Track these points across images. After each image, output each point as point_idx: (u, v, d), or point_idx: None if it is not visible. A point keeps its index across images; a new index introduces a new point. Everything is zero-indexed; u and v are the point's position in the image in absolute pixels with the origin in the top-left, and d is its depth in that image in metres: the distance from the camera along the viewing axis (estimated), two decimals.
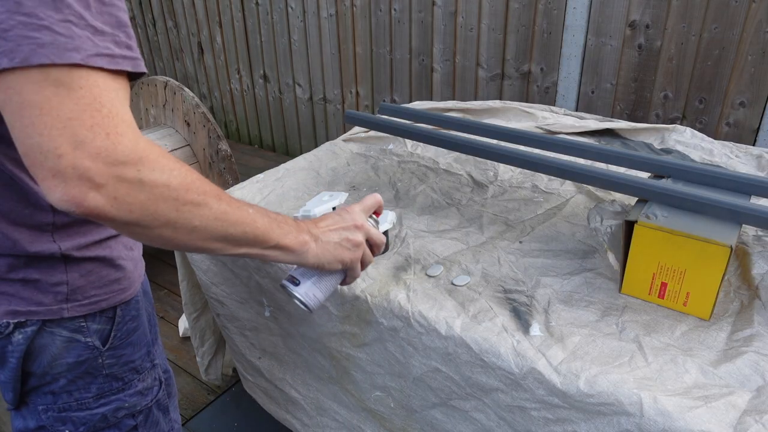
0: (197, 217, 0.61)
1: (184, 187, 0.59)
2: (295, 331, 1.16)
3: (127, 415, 0.85)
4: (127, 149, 0.54)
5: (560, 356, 0.80)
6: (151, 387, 0.88)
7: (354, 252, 0.80)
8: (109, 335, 0.79)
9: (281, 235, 0.71)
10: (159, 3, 3.92)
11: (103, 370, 0.80)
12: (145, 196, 0.56)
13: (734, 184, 0.94)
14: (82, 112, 0.52)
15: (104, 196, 0.54)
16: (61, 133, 0.51)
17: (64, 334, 0.75)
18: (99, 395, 0.81)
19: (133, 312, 0.82)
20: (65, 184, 0.52)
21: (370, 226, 0.83)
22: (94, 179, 0.53)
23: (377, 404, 1.07)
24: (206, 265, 1.27)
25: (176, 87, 2.29)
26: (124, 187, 0.54)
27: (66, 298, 0.74)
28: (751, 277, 0.93)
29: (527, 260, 1.02)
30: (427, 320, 0.90)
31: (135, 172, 0.55)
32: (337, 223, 0.79)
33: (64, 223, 0.73)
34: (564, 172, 1.03)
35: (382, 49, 2.95)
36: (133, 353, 0.83)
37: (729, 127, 2.14)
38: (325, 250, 0.76)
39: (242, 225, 0.66)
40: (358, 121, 1.37)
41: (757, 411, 0.69)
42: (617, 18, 2.20)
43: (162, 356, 0.93)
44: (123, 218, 0.56)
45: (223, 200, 0.64)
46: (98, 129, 0.53)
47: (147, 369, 0.87)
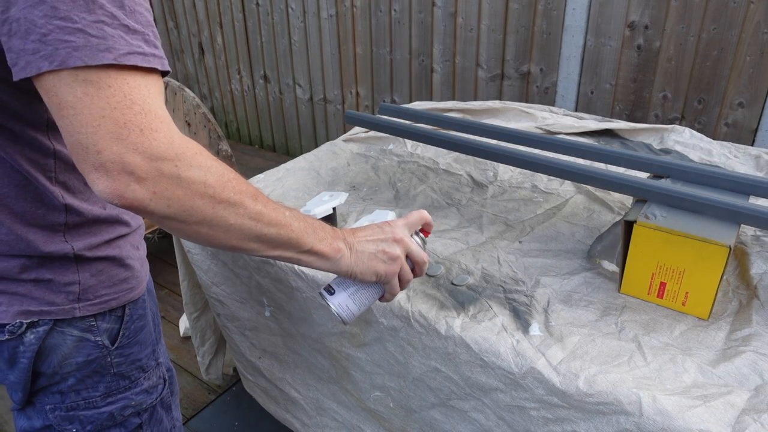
0: (233, 215, 0.61)
1: (221, 185, 0.60)
2: (295, 331, 1.16)
3: (133, 414, 0.85)
4: (163, 145, 0.55)
5: (560, 356, 0.80)
6: (156, 385, 0.88)
7: (389, 265, 0.77)
8: (118, 334, 0.80)
9: (316, 240, 0.71)
10: (160, 3, 3.93)
11: (111, 369, 0.81)
12: (182, 192, 0.57)
13: (733, 184, 0.94)
14: (113, 110, 0.54)
15: (145, 189, 0.55)
16: (96, 130, 0.54)
17: (75, 333, 0.76)
18: (106, 394, 0.81)
19: (140, 311, 0.83)
20: (108, 177, 0.54)
21: (411, 242, 0.79)
22: (136, 172, 0.54)
23: (377, 404, 1.07)
24: (207, 264, 1.28)
25: (177, 87, 2.29)
26: (163, 181, 0.56)
27: (78, 297, 0.75)
28: (749, 277, 0.93)
29: (527, 260, 1.03)
30: (427, 320, 0.91)
31: (173, 168, 0.56)
32: (376, 234, 0.78)
33: (76, 224, 0.74)
34: (563, 172, 1.03)
35: (382, 49, 2.96)
36: (140, 352, 0.84)
37: (728, 128, 2.14)
38: (359, 260, 0.75)
39: (277, 226, 0.66)
40: (358, 122, 1.37)
41: (755, 410, 0.69)
42: (616, 19, 2.21)
43: (165, 355, 0.93)
44: (161, 212, 0.57)
45: (260, 201, 0.64)
46: (131, 125, 0.54)
47: (152, 367, 0.87)
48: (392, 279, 0.78)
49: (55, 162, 0.72)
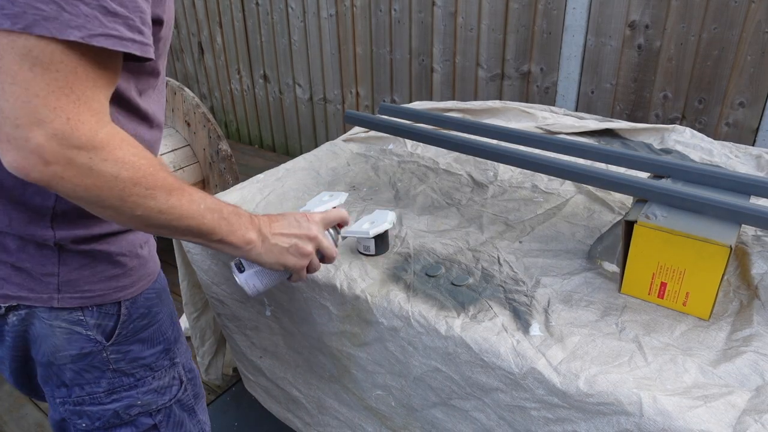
0: (140, 207, 0.62)
1: (132, 182, 0.61)
2: (295, 331, 1.16)
3: (142, 413, 0.84)
4: (84, 136, 0.56)
5: (560, 356, 0.80)
6: (170, 386, 0.87)
7: (300, 260, 0.81)
8: (113, 330, 0.79)
9: (228, 232, 0.73)
10: None
11: (110, 365, 0.80)
12: (91, 181, 0.58)
13: (734, 184, 0.94)
14: (49, 93, 0.54)
15: (51, 173, 0.56)
16: (23, 106, 0.54)
17: (62, 325, 0.76)
18: (110, 390, 0.81)
19: (143, 309, 0.82)
20: (18, 152, 0.55)
21: (323, 239, 0.83)
22: (45, 156, 0.55)
23: (378, 403, 1.07)
24: (207, 264, 1.27)
25: (177, 87, 2.29)
26: (73, 169, 0.57)
27: (57, 288, 0.75)
28: (750, 277, 0.93)
29: (527, 260, 1.02)
30: (427, 320, 0.90)
31: (87, 159, 0.57)
32: (292, 228, 0.80)
33: (65, 211, 0.73)
34: (564, 172, 1.03)
35: (382, 49, 2.95)
36: (142, 350, 0.83)
37: (728, 127, 2.14)
38: (269, 252, 0.78)
39: (187, 220, 0.67)
40: (358, 121, 1.37)
41: (756, 410, 0.69)
42: (617, 18, 2.21)
43: (186, 355, 0.92)
44: (66, 194, 0.59)
45: (174, 195, 0.65)
46: (60, 112, 0.55)
47: (164, 367, 0.86)
48: (300, 271, 0.83)
49: None
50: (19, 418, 1.82)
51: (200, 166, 2.37)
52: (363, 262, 1.06)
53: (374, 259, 1.06)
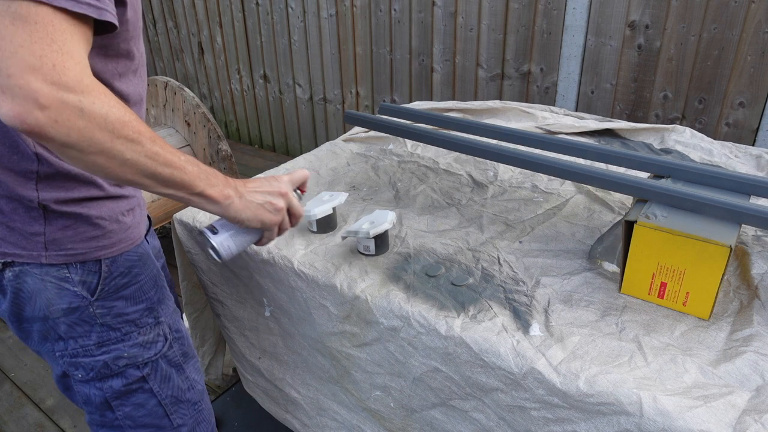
0: (129, 151, 0.67)
1: (121, 123, 0.65)
2: (295, 331, 1.16)
3: (130, 365, 0.94)
4: (72, 80, 0.61)
5: (560, 356, 0.80)
6: (155, 342, 0.96)
7: (274, 215, 0.86)
8: (96, 287, 0.88)
9: (207, 185, 0.78)
10: (159, 3, 3.93)
11: (97, 320, 0.90)
12: (83, 123, 0.62)
13: (734, 184, 0.94)
14: (32, 43, 0.60)
15: (47, 116, 0.60)
16: (10, 56, 0.59)
17: (52, 281, 0.86)
18: (99, 343, 0.91)
19: (122, 269, 0.91)
20: (12, 100, 0.59)
21: (293, 197, 0.88)
22: (40, 100, 0.59)
23: (377, 404, 1.07)
24: (207, 265, 1.27)
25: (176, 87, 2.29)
26: (66, 111, 0.61)
27: (44, 246, 0.84)
28: (750, 277, 0.93)
29: (527, 260, 1.02)
30: (427, 320, 0.90)
31: (77, 101, 0.62)
32: (264, 187, 0.85)
33: (48, 174, 0.81)
34: (564, 172, 1.03)
35: (382, 49, 2.95)
36: (125, 307, 0.92)
37: (728, 127, 2.14)
38: (246, 208, 0.83)
39: (171, 167, 0.72)
40: (358, 121, 1.37)
41: (756, 410, 0.69)
42: (617, 18, 2.20)
43: (173, 318, 1.01)
44: (61, 140, 0.62)
45: (157, 143, 0.71)
46: (46, 59, 0.60)
47: (149, 324, 0.95)
48: (274, 228, 0.87)
49: None
50: (19, 418, 1.82)
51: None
52: (363, 262, 1.05)
53: (374, 259, 1.06)
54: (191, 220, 1.25)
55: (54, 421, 1.81)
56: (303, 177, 0.94)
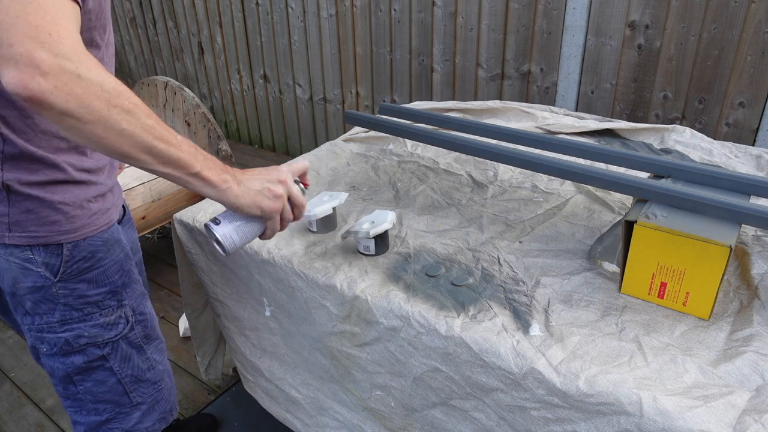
0: (125, 121, 0.68)
1: (117, 92, 0.67)
2: (295, 331, 1.16)
3: (90, 344, 0.99)
4: (68, 47, 0.64)
5: (560, 356, 0.80)
6: (116, 323, 1.01)
7: (273, 202, 0.84)
8: (59, 269, 0.92)
9: (205, 167, 0.77)
10: (159, 3, 3.93)
11: (60, 299, 0.95)
12: (81, 90, 0.64)
13: (734, 184, 0.94)
14: (27, 14, 0.63)
15: (47, 82, 0.62)
16: (9, 27, 0.62)
17: (16, 261, 0.90)
18: (62, 321, 0.96)
19: (85, 253, 0.94)
20: (16, 68, 0.62)
21: (292, 184, 0.87)
22: (41, 67, 0.62)
23: (378, 404, 1.07)
24: (207, 265, 1.27)
25: (176, 87, 2.29)
26: (64, 77, 0.63)
27: (8, 227, 0.88)
28: (750, 277, 0.93)
29: (527, 260, 1.02)
30: (427, 320, 0.90)
31: (74, 67, 0.64)
32: (262, 174, 0.85)
33: (13, 155, 0.85)
34: (564, 172, 1.03)
35: (382, 49, 2.95)
36: (88, 289, 0.96)
37: (728, 127, 2.14)
38: (245, 194, 0.81)
39: (167, 143, 0.72)
40: (358, 121, 1.37)
41: (756, 410, 0.69)
42: (617, 18, 2.20)
43: (138, 301, 1.05)
44: (61, 106, 0.64)
45: (153, 118, 0.71)
46: (42, 29, 0.63)
47: (111, 307, 1.00)
48: (274, 216, 0.85)
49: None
50: (19, 418, 1.82)
51: None
52: (363, 262, 1.06)
53: (374, 259, 1.06)
54: (191, 220, 1.25)
55: (54, 421, 1.81)
56: (303, 167, 0.93)
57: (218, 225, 0.85)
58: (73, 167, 0.91)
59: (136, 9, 4.14)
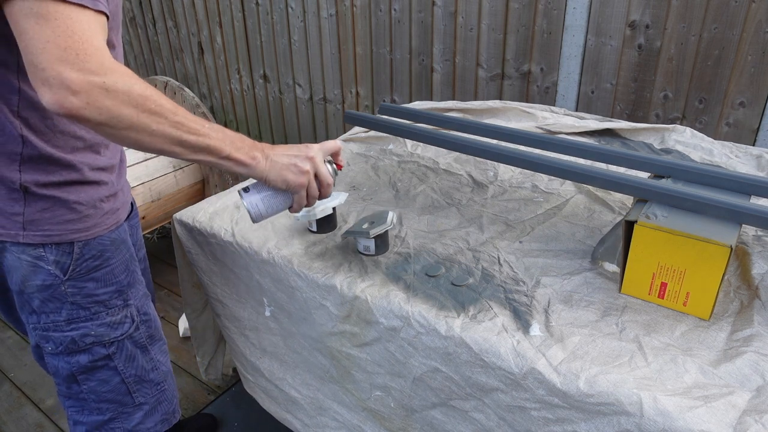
0: (155, 122, 0.74)
1: (144, 97, 0.73)
2: (295, 331, 1.16)
3: (96, 343, 1.01)
4: (94, 64, 0.69)
5: (560, 356, 0.80)
6: (122, 323, 1.03)
7: (299, 177, 0.87)
8: (69, 267, 0.95)
9: (233, 149, 0.82)
10: (159, 3, 3.92)
11: (67, 298, 0.97)
12: (110, 102, 0.70)
13: (734, 184, 0.94)
14: (57, 38, 0.68)
15: (79, 100, 0.68)
16: (41, 52, 0.68)
17: (28, 259, 0.93)
18: (69, 320, 0.98)
19: (95, 252, 0.97)
20: (50, 90, 0.68)
21: (320, 162, 0.90)
22: (72, 87, 0.68)
23: (377, 404, 1.07)
24: (207, 265, 1.27)
25: (176, 87, 2.29)
26: (94, 93, 0.69)
27: (23, 226, 0.91)
28: (750, 277, 0.93)
29: (527, 260, 1.02)
30: (427, 320, 0.90)
31: (101, 81, 0.69)
32: (292, 150, 0.89)
33: (31, 157, 0.88)
34: (564, 172, 1.03)
35: (382, 49, 2.95)
36: (96, 288, 0.99)
37: (729, 127, 2.14)
38: (272, 168, 0.86)
39: (197, 135, 0.78)
40: (358, 121, 1.37)
41: (756, 411, 0.69)
42: (617, 18, 2.20)
43: (142, 301, 1.08)
44: (95, 119, 0.70)
45: (179, 114, 0.77)
46: (70, 50, 0.68)
47: (118, 306, 1.02)
48: (300, 190, 0.89)
49: (19, 99, 0.85)
50: (18, 418, 1.82)
51: (200, 166, 2.37)
52: (363, 262, 1.05)
53: (374, 259, 1.06)
54: (191, 220, 1.25)
55: (54, 421, 1.81)
56: (335, 147, 0.95)
57: (247, 193, 0.90)
58: (88, 167, 0.94)
59: (136, 9, 4.14)
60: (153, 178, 2.21)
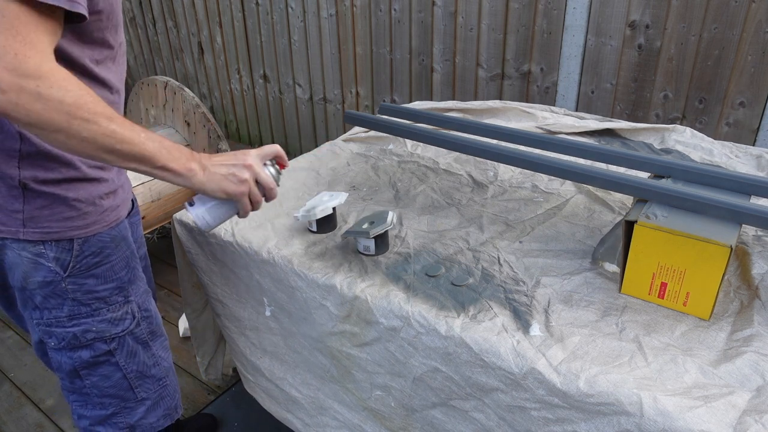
0: (86, 130, 0.73)
1: (76, 105, 0.72)
2: (295, 331, 1.16)
3: (97, 339, 1.02)
4: (30, 68, 0.69)
5: (560, 356, 0.80)
6: (123, 319, 1.04)
7: (238, 186, 0.88)
8: (69, 264, 0.95)
9: (169, 159, 0.82)
10: (159, 3, 3.92)
11: (68, 294, 0.97)
12: (41, 106, 0.70)
13: (734, 184, 0.94)
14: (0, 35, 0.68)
15: (7, 100, 0.68)
16: None
17: (28, 255, 0.93)
18: (70, 316, 0.99)
19: (94, 249, 0.98)
20: None
21: (260, 169, 0.90)
22: (1, 86, 0.67)
23: (378, 404, 1.07)
24: (207, 265, 1.27)
25: (176, 87, 2.29)
26: (24, 96, 0.69)
27: (23, 223, 0.91)
28: (750, 277, 0.93)
29: (527, 260, 1.02)
30: (427, 320, 0.90)
31: (35, 86, 0.69)
32: (229, 160, 0.89)
33: (30, 153, 0.88)
34: (564, 172, 1.03)
35: (382, 49, 2.95)
36: (96, 285, 0.99)
37: (729, 127, 2.14)
38: (210, 179, 0.86)
39: (130, 144, 0.78)
40: (358, 121, 1.37)
41: (756, 411, 0.69)
42: (617, 18, 2.20)
43: (143, 298, 1.09)
44: (22, 120, 0.70)
45: (115, 122, 0.76)
46: (9, 49, 0.68)
47: (118, 303, 1.03)
48: (242, 198, 0.89)
49: None
50: (18, 419, 1.82)
51: None
52: (363, 262, 1.05)
53: (374, 259, 1.06)
54: (191, 220, 1.25)
55: (54, 421, 1.81)
56: (273, 151, 0.96)
57: (192, 206, 0.91)
58: (86, 164, 0.94)
59: (136, 9, 4.14)
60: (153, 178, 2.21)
